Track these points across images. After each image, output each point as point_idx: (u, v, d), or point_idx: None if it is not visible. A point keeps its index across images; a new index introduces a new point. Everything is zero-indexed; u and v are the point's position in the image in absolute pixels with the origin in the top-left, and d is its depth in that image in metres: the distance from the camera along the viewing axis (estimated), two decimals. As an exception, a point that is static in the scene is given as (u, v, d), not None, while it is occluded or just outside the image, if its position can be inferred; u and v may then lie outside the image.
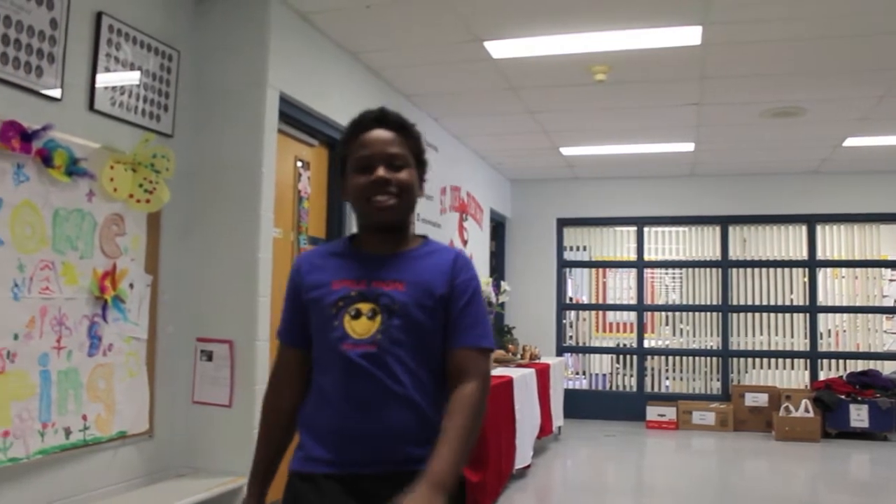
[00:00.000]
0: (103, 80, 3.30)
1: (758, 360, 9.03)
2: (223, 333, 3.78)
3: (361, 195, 1.76)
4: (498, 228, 9.23)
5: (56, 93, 3.05)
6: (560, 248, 9.47)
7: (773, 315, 9.00)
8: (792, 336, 8.95)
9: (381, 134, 1.78)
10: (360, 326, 1.71)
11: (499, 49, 4.72)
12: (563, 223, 9.49)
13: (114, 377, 3.34)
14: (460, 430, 1.65)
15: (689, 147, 7.47)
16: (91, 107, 3.24)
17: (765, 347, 9.02)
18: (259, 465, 1.87)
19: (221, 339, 3.78)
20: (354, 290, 1.74)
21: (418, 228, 6.04)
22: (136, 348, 3.48)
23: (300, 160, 4.48)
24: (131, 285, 3.43)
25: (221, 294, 3.81)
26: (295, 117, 4.23)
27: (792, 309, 8.93)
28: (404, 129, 1.82)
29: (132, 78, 3.48)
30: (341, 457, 1.69)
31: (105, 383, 3.29)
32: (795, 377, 8.86)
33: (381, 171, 1.74)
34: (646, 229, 9.32)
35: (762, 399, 8.41)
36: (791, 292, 8.98)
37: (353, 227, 5.10)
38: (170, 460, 3.72)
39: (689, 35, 4.44)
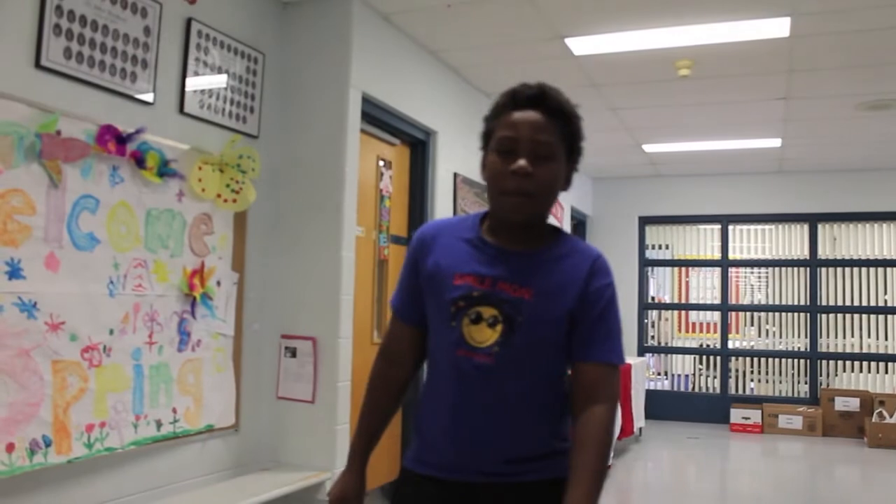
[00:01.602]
0: (192, 83, 3.40)
1: (848, 362, 8.71)
2: (307, 331, 3.85)
3: (495, 182, 1.59)
4: (578, 227, 9.14)
5: (149, 97, 3.16)
6: (642, 247, 9.32)
7: (865, 316, 8.66)
8: (886, 338, 8.59)
9: (533, 117, 1.57)
10: (479, 334, 1.58)
11: (580, 46, 4.67)
12: (644, 221, 9.34)
13: (202, 372, 3.44)
14: (594, 467, 1.52)
15: (775, 143, 7.25)
16: (181, 110, 3.35)
17: (856, 350, 8.69)
18: (362, 437, 1.78)
19: (305, 336, 3.85)
20: (478, 290, 1.59)
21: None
22: (224, 344, 3.58)
23: (382, 159, 4.53)
24: (219, 283, 3.53)
25: (305, 292, 3.88)
26: (377, 117, 4.28)
27: (886, 310, 8.58)
28: (562, 115, 1.60)
29: (220, 81, 3.58)
30: (450, 462, 1.62)
31: (194, 378, 3.39)
32: (889, 381, 8.51)
33: (522, 162, 1.55)
34: (730, 227, 9.08)
35: (853, 404, 8.11)
36: (885, 293, 8.62)
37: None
38: (254, 454, 3.81)
39: (776, 27, 4.31)
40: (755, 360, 9.11)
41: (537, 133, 1.56)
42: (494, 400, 1.58)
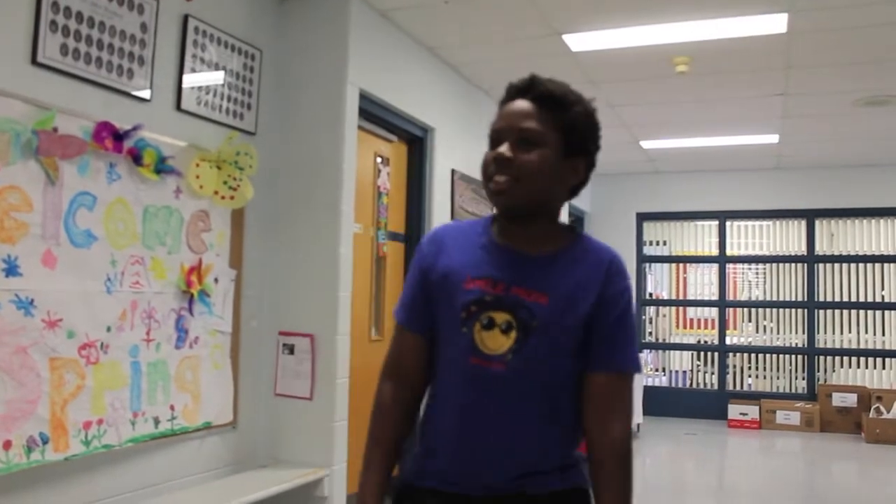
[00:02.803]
0: (189, 80, 3.39)
1: (845, 358, 8.72)
2: (305, 327, 3.85)
3: (483, 172, 1.56)
4: (576, 223, 9.14)
5: (146, 94, 3.16)
6: (640, 243, 9.33)
7: (862, 312, 8.68)
8: (883, 334, 8.61)
9: (519, 106, 1.53)
10: (492, 340, 1.50)
11: (578, 42, 4.67)
12: (642, 218, 9.35)
13: (200, 369, 3.44)
14: (623, 492, 1.50)
15: (773, 139, 7.25)
16: (178, 106, 3.34)
17: (853, 345, 8.70)
18: (378, 473, 1.61)
19: (303, 333, 3.85)
20: (490, 294, 1.51)
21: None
22: (221, 341, 3.57)
23: (379, 156, 4.53)
24: (216, 280, 3.53)
25: (303, 289, 3.88)
26: (374, 114, 4.28)
27: (883, 306, 8.59)
28: (552, 102, 1.53)
29: (217, 78, 3.57)
30: (457, 475, 1.54)
31: (192, 375, 3.39)
32: (887, 377, 8.52)
33: (502, 148, 1.51)
34: (728, 223, 9.09)
35: (851, 399, 8.12)
36: (882, 288, 8.63)
37: (433, 221, 5.13)
38: (252, 451, 3.81)
39: (774, 23, 4.31)
40: (753, 356, 9.13)
41: (521, 120, 1.51)
42: (507, 410, 1.50)
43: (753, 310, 9.28)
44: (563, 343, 1.51)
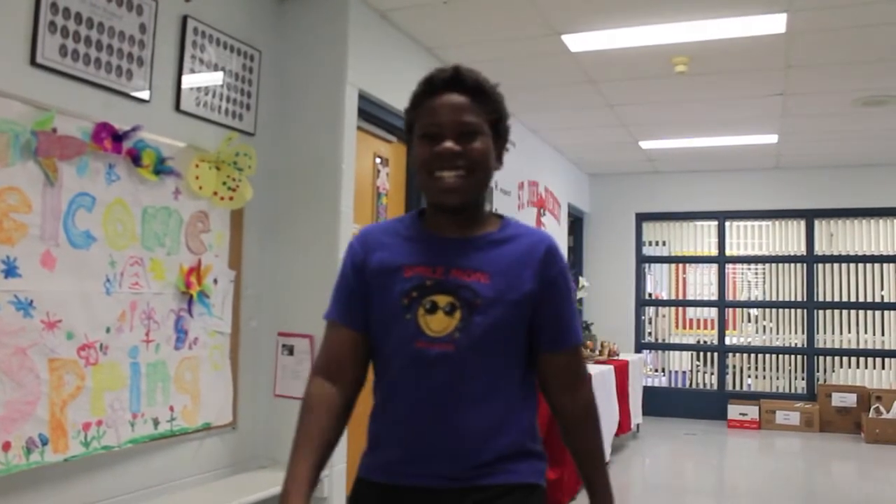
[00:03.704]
0: (189, 81, 3.39)
1: (845, 358, 8.73)
2: (304, 328, 3.85)
3: (424, 168, 1.54)
4: (576, 223, 9.15)
5: (145, 94, 3.16)
6: (639, 244, 9.33)
7: (861, 312, 8.68)
8: (883, 334, 8.61)
9: (452, 99, 1.54)
10: (436, 323, 1.50)
11: (577, 42, 4.67)
12: (642, 218, 9.35)
13: (199, 370, 3.43)
14: (600, 447, 1.62)
15: (772, 139, 7.26)
16: (177, 107, 3.34)
17: (853, 346, 8.70)
18: (302, 472, 1.56)
19: (302, 333, 3.85)
20: (430, 279, 1.52)
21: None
22: (221, 342, 3.57)
23: (379, 156, 4.53)
24: (215, 281, 3.53)
25: (302, 289, 3.88)
26: (373, 114, 4.28)
27: (883, 306, 8.59)
28: (481, 93, 1.56)
29: (216, 78, 3.57)
30: (413, 467, 1.52)
31: (191, 376, 3.38)
32: (886, 377, 8.52)
33: (448, 143, 1.51)
34: (727, 223, 9.10)
35: (850, 399, 8.12)
36: (882, 288, 8.64)
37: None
38: (252, 452, 3.81)
39: (773, 23, 4.31)
40: (752, 356, 9.13)
41: (460, 114, 1.53)
42: (459, 392, 1.50)
43: (753, 310, 9.28)
44: (508, 319, 1.53)
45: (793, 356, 8.92)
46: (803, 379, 8.76)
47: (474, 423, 1.51)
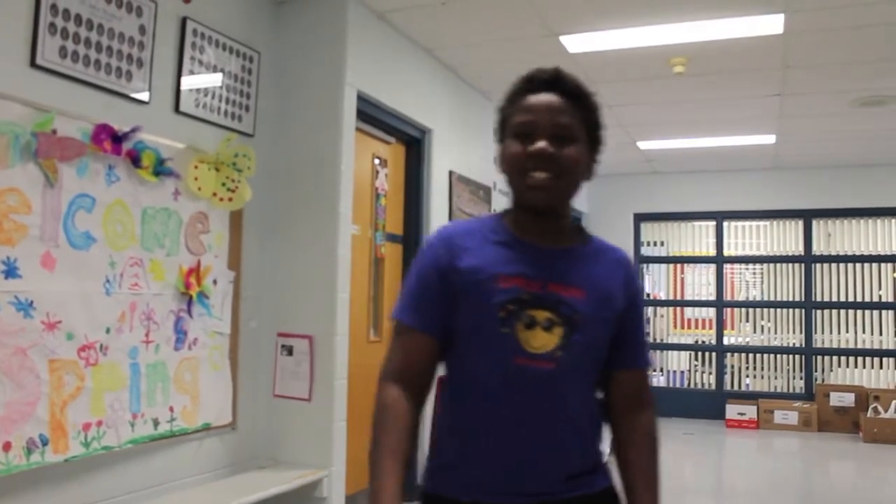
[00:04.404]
0: (188, 82, 3.40)
1: (843, 358, 8.74)
2: (303, 329, 3.86)
3: (515, 167, 1.50)
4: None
5: (144, 96, 3.16)
6: (637, 244, 9.34)
7: (859, 312, 8.69)
8: (881, 334, 8.62)
9: (550, 99, 1.49)
10: (537, 339, 1.45)
11: (575, 43, 4.68)
12: (640, 218, 9.36)
13: (199, 370, 3.44)
14: (657, 471, 1.57)
15: (770, 139, 7.27)
16: (177, 108, 3.35)
17: (851, 345, 8.71)
18: (393, 488, 1.45)
19: (301, 334, 3.85)
20: (528, 293, 1.46)
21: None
22: (220, 343, 3.58)
23: (377, 157, 4.53)
24: (215, 281, 3.53)
25: (301, 290, 3.89)
26: (372, 115, 4.29)
27: (881, 306, 8.61)
28: (580, 97, 1.51)
29: (215, 80, 3.58)
30: (504, 485, 1.47)
31: (191, 376, 3.39)
32: (884, 377, 8.54)
33: (541, 143, 1.46)
34: (725, 224, 9.11)
35: (848, 399, 8.14)
36: (880, 288, 8.65)
37: (431, 222, 5.13)
38: (252, 452, 3.82)
39: (770, 24, 4.32)
40: (750, 356, 9.14)
41: (557, 115, 1.48)
42: (557, 409, 1.47)
43: (751, 310, 9.29)
44: (601, 337, 1.52)
45: (791, 356, 8.93)
46: (801, 379, 8.78)
47: (569, 440, 1.50)
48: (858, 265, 8.69)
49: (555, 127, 1.47)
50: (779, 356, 9.01)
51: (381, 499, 1.43)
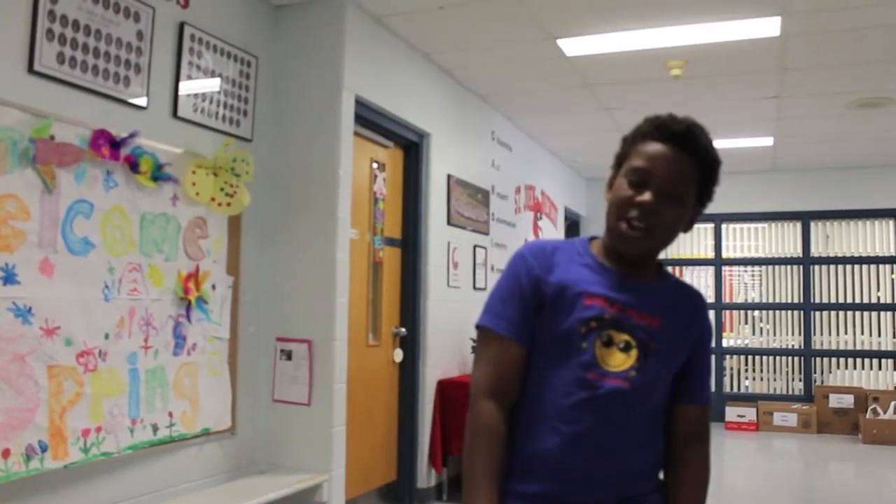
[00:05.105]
0: (186, 87, 3.40)
1: (842, 359, 8.74)
2: (302, 333, 3.86)
3: (618, 209, 1.53)
4: (573, 227, 9.15)
5: (142, 101, 3.16)
6: (635, 246, 9.33)
7: (858, 313, 8.70)
8: (879, 335, 8.63)
9: (672, 154, 1.51)
10: (613, 358, 1.50)
11: (572, 46, 4.68)
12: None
13: (198, 375, 3.44)
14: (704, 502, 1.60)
15: (767, 141, 7.28)
16: (175, 114, 3.35)
17: (849, 347, 8.72)
18: (496, 501, 1.49)
19: (300, 338, 3.85)
20: (609, 313, 1.51)
21: (493, 229, 6.05)
22: (219, 348, 3.58)
23: (376, 162, 4.53)
24: (214, 286, 3.53)
25: (300, 294, 3.89)
26: (370, 119, 4.29)
27: (879, 307, 8.61)
28: (704, 158, 1.54)
29: (213, 85, 3.58)
30: (563, 495, 1.50)
31: (190, 381, 3.39)
32: (883, 378, 8.54)
33: (647, 196, 1.49)
34: (724, 226, 9.12)
35: (847, 400, 8.14)
36: (878, 290, 8.66)
37: (429, 226, 5.13)
38: (251, 457, 3.81)
39: (767, 26, 4.33)
40: (750, 358, 9.13)
41: (672, 172, 1.50)
42: (625, 429, 1.51)
43: (750, 312, 9.29)
44: (672, 367, 1.57)
45: (790, 358, 8.93)
46: (800, 380, 8.78)
47: (633, 461, 1.54)
48: (857, 267, 8.70)
49: (668, 185, 1.50)
50: (778, 358, 9.01)
51: None
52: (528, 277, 1.56)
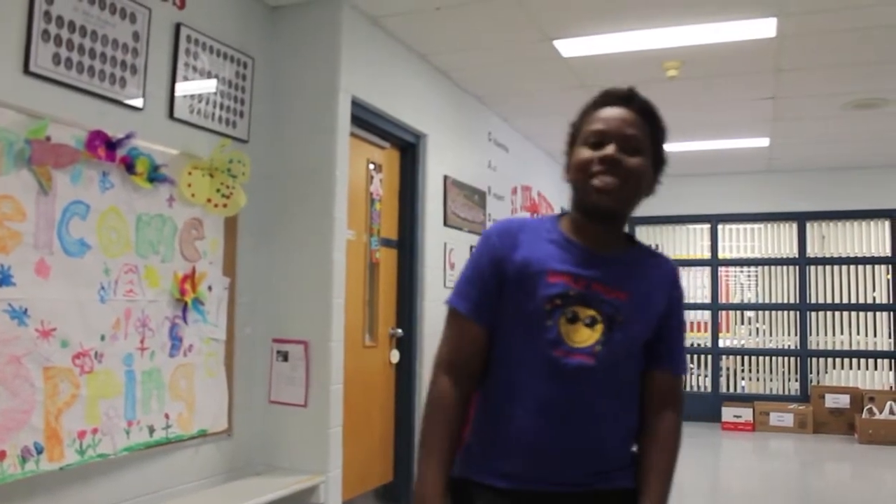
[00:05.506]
0: (182, 88, 3.40)
1: (838, 359, 8.76)
2: (298, 334, 3.85)
3: (583, 170, 1.56)
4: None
5: (138, 102, 3.16)
6: (631, 247, 9.33)
7: (854, 313, 8.72)
8: (875, 335, 8.65)
9: (622, 112, 1.59)
10: (578, 334, 1.53)
11: (569, 47, 4.69)
12: (634, 222, 9.34)
13: (194, 377, 3.43)
14: (671, 470, 1.61)
15: (763, 142, 7.29)
16: (171, 115, 3.35)
17: (845, 347, 8.74)
18: (438, 479, 1.54)
19: (297, 339, 3.85)
20: (574, 289, 1.54)
21: (488, 228, 6.05)
22: (215, 349, 3.57)
23: (372, 163, 4.53)
24: (210, 288, 3.53)
25: (297, 295, 3.88)
26: (367, 120, 4.28)
27: (875, 307, 8.63)
28: (650, 116, 1.62)
29: (209, 86, 3.57)
30: (538, 473, 1.54)
31: (186, 383, 3.38)
32: (879, 378, 8.56)
33: (610, 149, 1.54)
34: (720, 227, 9.13)
35: (843, 400, 8.15)
36: (874, 290, 8.68)
37: (426, 227, 5.13)
38: (248, 458, 3.81)
39: (763, 27, 4.34)
40: (746, 358, 9.15)
41: (627, 127, 1.57)
42: (592, 404, 1.53)
43: (746, 312, 9.31)
44: (639, 339, 1.59)
45: (786, 358, 8.95)
46: (797, 380, 8.79)
47: (602, 435, 1.56)
48: (852, 267, 8.72)
49: (624, 137, 1.56)
50: (774, 358, 9.03)
51: (427, 489, 1.54)
52: (489, 258, 1.61)
